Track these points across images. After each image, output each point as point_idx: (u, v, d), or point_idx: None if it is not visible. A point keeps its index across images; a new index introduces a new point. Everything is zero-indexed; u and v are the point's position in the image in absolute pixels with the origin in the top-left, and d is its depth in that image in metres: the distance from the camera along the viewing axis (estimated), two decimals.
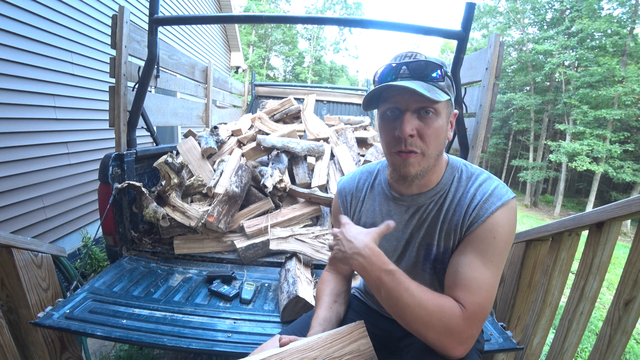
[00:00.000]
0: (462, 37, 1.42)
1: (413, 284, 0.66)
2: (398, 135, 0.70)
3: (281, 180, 1.98)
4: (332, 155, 2.51)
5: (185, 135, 2.46)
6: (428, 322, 0.63)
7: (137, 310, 1.24)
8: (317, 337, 0.70)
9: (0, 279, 1.19)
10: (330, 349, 0.69)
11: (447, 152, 1.87)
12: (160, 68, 2.12)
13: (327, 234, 1.79)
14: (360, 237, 0.71)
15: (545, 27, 17.39)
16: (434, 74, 0.70)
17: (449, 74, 0.73)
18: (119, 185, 1.63)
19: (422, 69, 0.69)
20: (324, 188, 2.12)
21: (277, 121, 3.23)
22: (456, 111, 0.79)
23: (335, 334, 0.71)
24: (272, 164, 2.09)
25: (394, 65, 0.72)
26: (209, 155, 2.27)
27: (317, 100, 4.07)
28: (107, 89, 1.73)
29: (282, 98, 3.86)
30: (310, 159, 2.33)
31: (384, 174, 0.90)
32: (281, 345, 0.69)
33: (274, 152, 2.18)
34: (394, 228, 0.85)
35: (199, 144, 2.27)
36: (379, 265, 0.66)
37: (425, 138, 0.70)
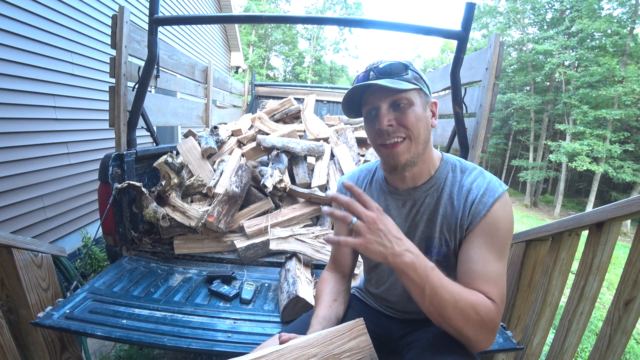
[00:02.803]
0: (462, 37, 1.42)
1: (451, 281, 0.66)
2: (378, 128, 0.76)
3: (281, 180, 1.98)
4: (332, 155, 2.51)
5: (185, 135, 2.46)
6: (467, 317, 0.64)
7: (137, 310, 1.24)
8: (317, 335, 0.70)
9: (0, 279, 1.18)
10: (330, 346, 0.69)
11: (447, 152, 1.87)
12: (160, 68, 2.12)
13: (328, 234, 1.78)
14: (399, 232, 0.65)
15: (545, 27, 17.39)
16: (399, 71, 0.77)
17: (414, 69, 0.79)
18: (119, 185, 1.63)
19: (386, 70, 0.77)
20: (324, 188, 2.12)
21: (277, 121, 3.23)
22: (435, 100, 0.83)
23: (334, 332, 0.71)
24: (272, 164, 2.09)
25: (363, 73, 0.81)
26: (209, 155, 2.27)
27: (317, 100, 4.07)
28: (107, 89, 1.73)
29: (282, 98, 3.86)
30: (310, 159, 2.33)
31: (382, 170, 0.92)
32: (281, 343, 0.69)
33: (274, 152, 2.18)
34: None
35: (199, 144, 2.27)
36: (426, 262, 0.64)
37: (405, 124, 0.75)
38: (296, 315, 1.24)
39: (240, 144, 2.53)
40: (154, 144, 2.26)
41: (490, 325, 0.67)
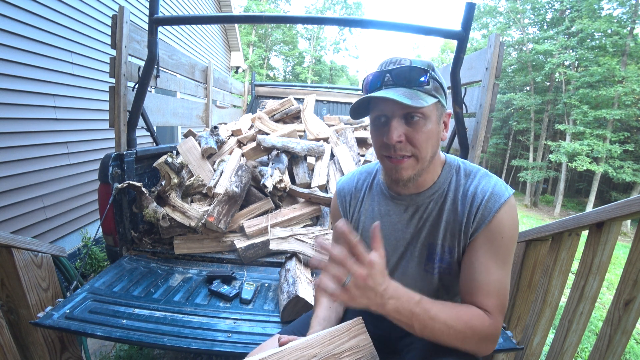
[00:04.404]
0: (462, 37, 1.42)
1: (439, 307, 0.65)
2: (386, 142, 0.71)
3: (281, 180, 1.98)
4: (332, 155, 2.51)
5: (185, 135, 2.46)
6: (463, 338, 0.66)
7: (137, 310, 1.24)
8: (316, 335, 0.70)
9: (0, 279, 1.18)
10: (330, 346, 0.69)
11: (447, 152, 1.86)
12: (160, 68, 2.12)
13: (326, 238, 1.78)
14: (384, 277, 0.62)
15: (545, 27, 17.39)
16: (419, 79, 0.70)
17: (436, 76, 0.72)
18: (119, 185, 1.63)
19: (405, 75, 0.70)
20: (324, 188, 2.12)
21: (277, 121, 3.23)
22: (450, 111, 0.78)
23: (334, 331, 0.71)
24: (272, 164, 2.09)
25: (378, 72, 0.73)
26: (209, 155, 2.27)
27: (317, 100, 4.07)
28: (107, 89, 1.73)
29: (282, 98, 3.86)
30: (310, 159, 2.33)
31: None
32: (280, 345, 0.69)
33: (274, 152, 2.18)
34: (394, 227, 0.85)
35: (199, 144, 2.27)
36: (409, 302, 0.63)
37: (415, 142, 0.71)
38: (296, 315, 1.24)
39: (240, 144, 2.53)
40: (154, 144, 2.26)
41: (489, 337, 0.68)
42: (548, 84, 17.70)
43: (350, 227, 0.60)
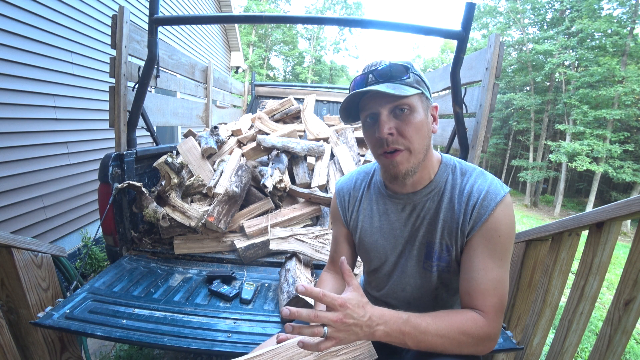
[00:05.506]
0: (462, 37, 1.42)
1: (428, 320, 0.66)
2: (378, 136, 0.73)
3: (281, 180, 1.98)
4: (332, 155, 2.51)
5: (185, 135, 2.46)
6: (459, 344, 0.66)
7: (137, 310, 1.24)
8: None
9: (0, 279, 1.18)
10: None
11: (447, 152, 1.87)
12: (160, 68, 2.12)
13: (326, 238, 1.78)
14: (364, 308, 0.61)
15: (545, 27, 17.39)
16: (400, 74, 0.73)
17: (415, 71, 0.75)
18: (119, 185, 1.63)
19: (386, 73, 0.73)
20: (324, 188, 2.12)
21: (277, 121, 3.23)
22: (436, 104, 0.80)
23: None
24: (272, 164, 2.10)
25: (362, 75, 0.76)
26: (209, 155, 2.27)
27: (317, 100, 4.06)
28: (107, 89, 1.73)
29: (282, 98, 3.87)
30: (310, 159, 2.33)
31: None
32: (278, 342, 0.69)
33: (274, 152, 2.18)
34: (392, 226, 0.86)
35: (199, 144, 2.27)
36: (398, 322, 0.63)
37: (405, 134, 0.72)
38: None
39: (240, 144, 2.53)
40: (154, 144, 2.26)
41: (486, 338, 0.68)
42: (548, 84, 17.71)
43: (310, 285, 0.59)
